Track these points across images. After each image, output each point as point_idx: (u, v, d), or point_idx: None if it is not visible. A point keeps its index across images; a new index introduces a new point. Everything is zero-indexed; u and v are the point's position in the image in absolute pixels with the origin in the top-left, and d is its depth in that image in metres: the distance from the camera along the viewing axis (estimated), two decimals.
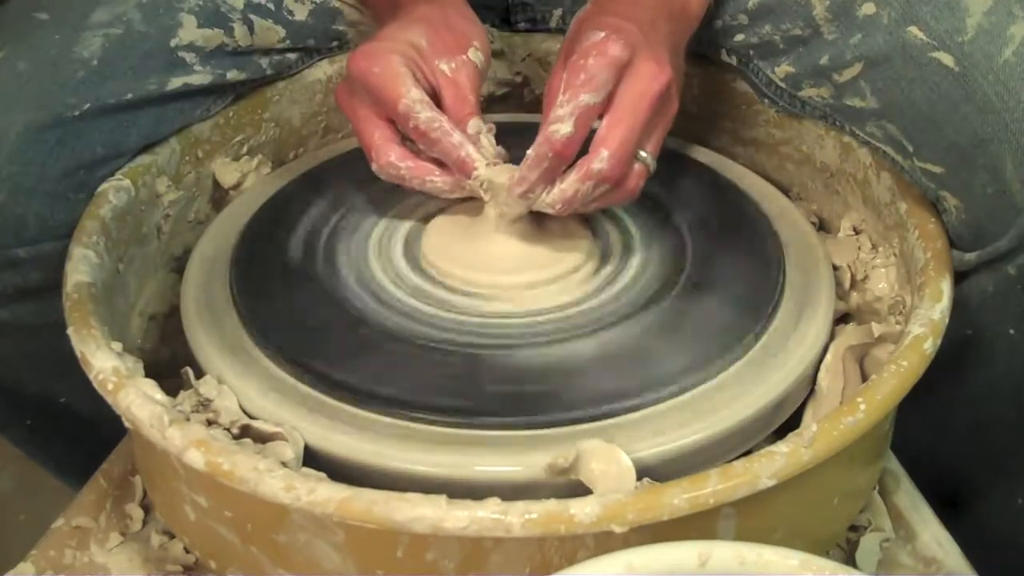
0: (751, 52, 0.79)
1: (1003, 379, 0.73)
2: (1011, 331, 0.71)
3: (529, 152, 0.67)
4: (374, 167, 0.72)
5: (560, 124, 0.65)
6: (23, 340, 0.77)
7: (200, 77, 0.78)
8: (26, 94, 0.72)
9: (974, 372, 0.74)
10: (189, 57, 0.78)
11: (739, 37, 0.79)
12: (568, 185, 0.67)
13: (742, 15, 0.77)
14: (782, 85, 0.77)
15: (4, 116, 0.71)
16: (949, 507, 0.73)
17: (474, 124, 0.71)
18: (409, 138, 0.72)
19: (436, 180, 0.72)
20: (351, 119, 0.73)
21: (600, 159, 0.66)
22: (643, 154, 0.69)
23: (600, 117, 0.67)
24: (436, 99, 0.72)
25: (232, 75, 0.80)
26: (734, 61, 0.82)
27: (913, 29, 0.67)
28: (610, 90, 0.67)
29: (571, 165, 0.68)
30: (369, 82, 0.70)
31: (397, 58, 0.70)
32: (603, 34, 0.67)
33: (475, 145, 0.70)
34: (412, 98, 0.69)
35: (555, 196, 0.68)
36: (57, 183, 0.72)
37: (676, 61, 0.72)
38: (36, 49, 0.74)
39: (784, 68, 0.76)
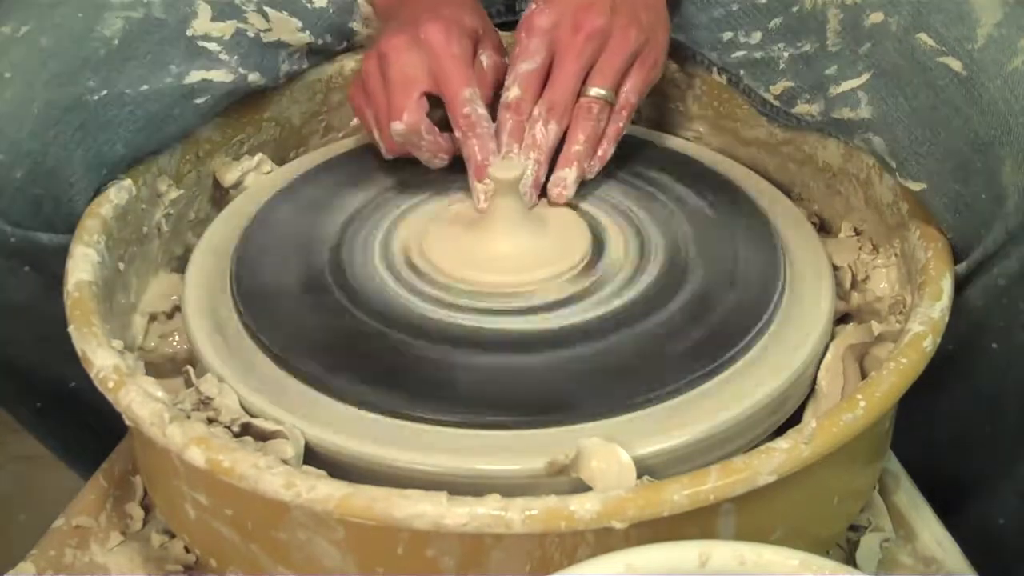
0: (741, 72, 0.79)
1: (1004, 377, 0.73)
2: (1012, 329, 0.71)
3: (495, 126, 0.75)
4: (398, 125, 0.74)
5: (507, 91, 0.75)
6: (37, 322, 0.77)
7: (222, 75, 0.78)
8: (49, 70, 0.72)
9: (974, 371, 0.74)
10: (210, 47, 0.78)
11: (739, 54, 0.79)
12: (537, 131, 0.74)
13: (757, 32, 0.78)
14: (775, 103, 0.78)
15: (26, 90, 0.71)
16: (949, 507, 0.73)
17: None
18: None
19: (445, 159, 0.77)
20: (385, 72, 0.75)
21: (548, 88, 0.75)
22: (600, 91, 0.75)
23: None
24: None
25: (253, 78, 0.80)
26: (724, 80, 0.83)
27: (923, 36, 0.67)
28: (543, 55, 0.75)
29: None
30: (444, 61, 0.74)
31: (469, 45, 0.76)
32: (533, 6, 0.76)
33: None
34: (475, 90, 0.75)
35: (536, 138, 0.75)
36: (79, 170, 0.72)
37: (647, 15, 0.78)
38: (59, 26, 0.74)
39: (782, 84, 0.76)
